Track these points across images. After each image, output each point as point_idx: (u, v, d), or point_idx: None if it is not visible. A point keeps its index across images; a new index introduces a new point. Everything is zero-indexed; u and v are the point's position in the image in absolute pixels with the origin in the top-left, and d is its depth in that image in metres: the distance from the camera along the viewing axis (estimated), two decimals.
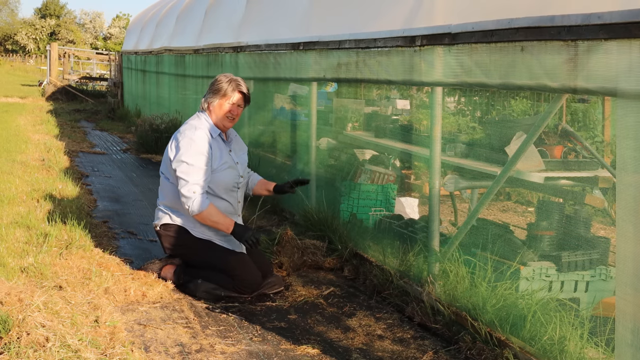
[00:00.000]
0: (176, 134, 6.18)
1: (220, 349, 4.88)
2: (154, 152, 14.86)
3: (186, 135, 6.06)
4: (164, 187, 6.32)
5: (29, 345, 4.29)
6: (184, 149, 6.00)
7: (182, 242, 6.21)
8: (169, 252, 6.37)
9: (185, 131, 6.09)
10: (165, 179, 6.28)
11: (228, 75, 6.31)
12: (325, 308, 5.81)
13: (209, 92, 6.26)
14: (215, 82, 6.27)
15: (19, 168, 11.13)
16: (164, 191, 6.31)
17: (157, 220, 6.35)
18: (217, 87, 6.21)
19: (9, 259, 6.15)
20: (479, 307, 4.88)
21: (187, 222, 6.17)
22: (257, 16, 10.29)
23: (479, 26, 4.73)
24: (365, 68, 6.52)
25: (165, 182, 6.28)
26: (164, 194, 6.31)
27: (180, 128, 6.24)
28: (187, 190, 5.92)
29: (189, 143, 6.01)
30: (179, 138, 6.09)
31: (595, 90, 3.80)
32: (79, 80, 35.57)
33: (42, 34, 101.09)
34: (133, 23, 27.17)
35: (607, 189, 6.11)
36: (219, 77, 6.28)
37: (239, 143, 6.50)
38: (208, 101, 6.23)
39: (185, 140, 6.03)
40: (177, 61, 15.75)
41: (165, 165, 6.26)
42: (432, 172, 5.65)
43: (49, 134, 17.08)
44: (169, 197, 6.25)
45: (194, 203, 5.92)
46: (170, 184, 6.20)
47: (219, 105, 6.19)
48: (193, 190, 5.93)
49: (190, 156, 5.98)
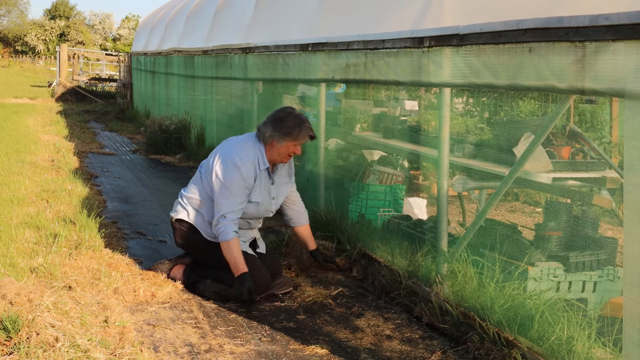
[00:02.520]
0: (227, 149, 6.07)
1: (229, 349, 4.90)
2: (163, 153, 14.87)
3: (235, 162, 5.94)
4: (195, 183, 6.26)
5: (38, 345, 4.31)
6: (228, 174, 5.93)
7: (194, 240, 6.22)
8: (180, 246, 6.40)
9: (236, 156, 5.97)
10: (200, 178, 6.23)
11: (296, 114, 6.06)
12: (334, 308, 5.82)
13: (276, 129, 5.98)
14: (285, 121, 6.00)
15: (29, 169, 11.17)
16: (193, 188, 6.26)
17: (174, 213, 6.35)
18: (288, 130, 5.97)
19: (19, 259, 6.17)
20: (487, 308, 4.88)
21: (202, 224, 6.18)
22: (266, 17, 10.31)
23: (487, 27, 4.74)
24: (373, 69, 6.53)
25: (199, 180, 6.23)
26: (192, 190, 6.26)
27: (232, 142, 6.15)
28: (221, 214, 5.91)
29: (235, 171, 5.93)
30: (228, 157, 5.99)
31: (602, 91, 3.81)
32: (89, 81, 35.61)
33: (52, 35, 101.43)
34: (142, 24, 27.19)
35: (614, 189, 6.12)
36: (288, 117, 6.02)
37: (285, 170, 6.34)
38: (274, 139, 5.99)
39: (232, 167, 5.94)
40: (186, 62, 15.78)
41: (206, 168, 6.19)
42: (441, 173, 5.66)
43: (58, 134, 17.12)
44: (195, 195, 6.22)
45: (222, 230, 5.88)
46: (202, 186, 6.17)
47: (285, 147, 6.00)
48: (225, 215, 5.90)
49: (232, 183, 5.92)
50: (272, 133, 5.99)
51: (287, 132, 5.96)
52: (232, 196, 5.93)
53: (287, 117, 6.01)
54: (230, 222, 5.89)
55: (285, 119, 5.99)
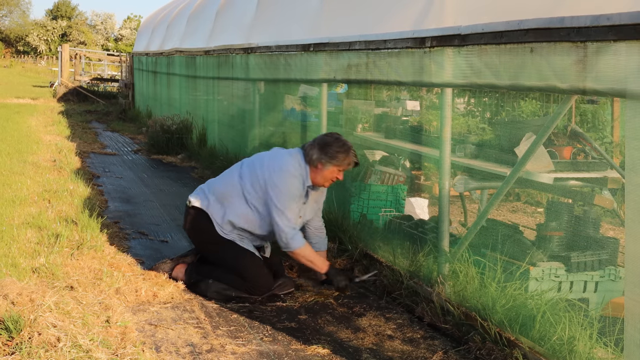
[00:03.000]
0: (284, 162, 6.07)
1: (231, 349, 4.90)
2: (165, 153, 14.88)
3: (294, 174, 5.99)
4: (232, 179, 6.22)
5: (40, 345, 4.32)
6: (286, 185, 5.97)
7: (204, 230, 6.22)
8: (188, 232, 6.45)
9: (293, 169, 6.01)
10: (240, 177, 6.19)
11: (343, 140, 6.12)
12: (336, 308, 5.83)
13: (323, 153, 6.02)
14: (332, 146, 6.04)
15: (31, 169, 11.18)
16: (227, 182, 6.24)
17: (193, 198, 6.35)
18: (335, 155, 6.02)
19: (21, 259, 6.17)
20: (488, 308, 4.89)
21: (218, 217, 6.17)
22: (268, 17, 10.32)
23: (489, 27, 4.74)
24: (375, 69, 6.53)
25: (237, 177, 6.21)
26: (225, 184, 6.25)
27: (286, 156, 6.13)
28: (287, 225, 5.93)
29: (293, 183, 5.99)
30: (284, 168, 6.01)
31: (604, 91, 3.81)
32: (90, 81, 35.64)
33: (54, 35, 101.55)
34: (144, 25, 27.22)
35: (616, 189, 6.12)
36: (335, 142, 6.08)
37: (318, 194, 6.35)
38: (320, 161, 6.02)
39: (290, 179, 5.98)
40: (188, 62, 15.79)
41: (253, 169, 6.15)
42: (442, 173, 5.67)
43: (60, 134, 17.13)
44: (226, 190, 6.20)
45: (292, 239, 5.93)
46: (240, 185, 6.14)
47: (329, 171, 6.04)
48: (293, 226, 5.95)
49: (289, 193, 5.97)
50: (319, 156, 6.03)
51: (334, 156, 6.01)
52: (291, 208, 5.97)
53: (335, 142, 6.07)
54: (297, 231, 5.98)
55: (333, 144, 6.05)
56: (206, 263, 6.31)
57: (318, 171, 6.05)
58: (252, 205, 6.07)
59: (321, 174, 6.06)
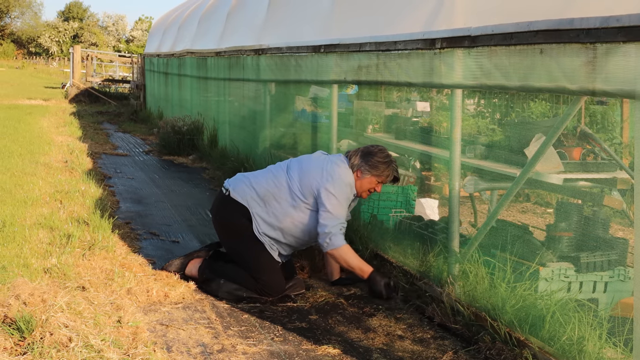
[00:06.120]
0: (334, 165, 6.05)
1: (242, 349, 4.92)
2: (176, 154, 14.92)
3: (344, 181, 5.97)
4: (279, 180, 6.15)
5: (52, 345, 4.34)
6: (339, 188, 5.94)
7: (235, 220, 6.17)
8: (214, 217, 6.40)
9: (345, 180, 5.98)
10: (289, 176, 6.14)
11: (387, 152, 6.14)
12: (346, 308, 5.84)
13: (364, 161, 6.05)
14: (375, 155, 6.06)
15: (43, 169, 11.22)
16: (272, 182, 6.16)
17: (233, 187, 6.26)
18: (376, 165, 6.03)
19: (33, 259, 6.21)
20: (498, 308, 4.90)
21: (257, 217, 6.11)
22: (279, 19, 10.34)
23: (499, 29, 4.75)
24: (385, 70, 6.55)
25: (284, 178, 6.15)
26: (269, 183, 6.16)
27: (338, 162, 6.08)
28: (333, 224, 5.89)
29: (346, 187, 5.97)
30: (336, 173, 5.99)
31: (613, 92, 3.82)
32: (102, 82, 35.78)
33: (65, 37, 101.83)
34: (155, 26, 27.30)
35: (625, 190, 6.12)
36: (378, 153, 6.08)
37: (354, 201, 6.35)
38: (361, 170, 6.03)
39: (343, 183, 5.96)
40: (199, 63, 15.83)
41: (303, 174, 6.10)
42: (452, 174, 5.67)
43: (72, 135, 17.18)
44: (272, 190, 6.13)
45: (335, 238, 5.88)
46: (287, 185, 6.09)
47: (369, 181, 6.05)
48: (339, 228, 5.91)
49: (341, 195, 5.94)
50: (360, 163, 6.05)
51: (374, 166, 6.03)
52: (341, 209, 5.93)
53: (378, 153, 6.08)
54: (342, 233, 5.93)
55: (376, 154, 6.06)
56: (219, 259, 6.33)
57: (360, 181, 6.06)
58: (298, 208, 6.03)
59: (359, 182, 6.06)
